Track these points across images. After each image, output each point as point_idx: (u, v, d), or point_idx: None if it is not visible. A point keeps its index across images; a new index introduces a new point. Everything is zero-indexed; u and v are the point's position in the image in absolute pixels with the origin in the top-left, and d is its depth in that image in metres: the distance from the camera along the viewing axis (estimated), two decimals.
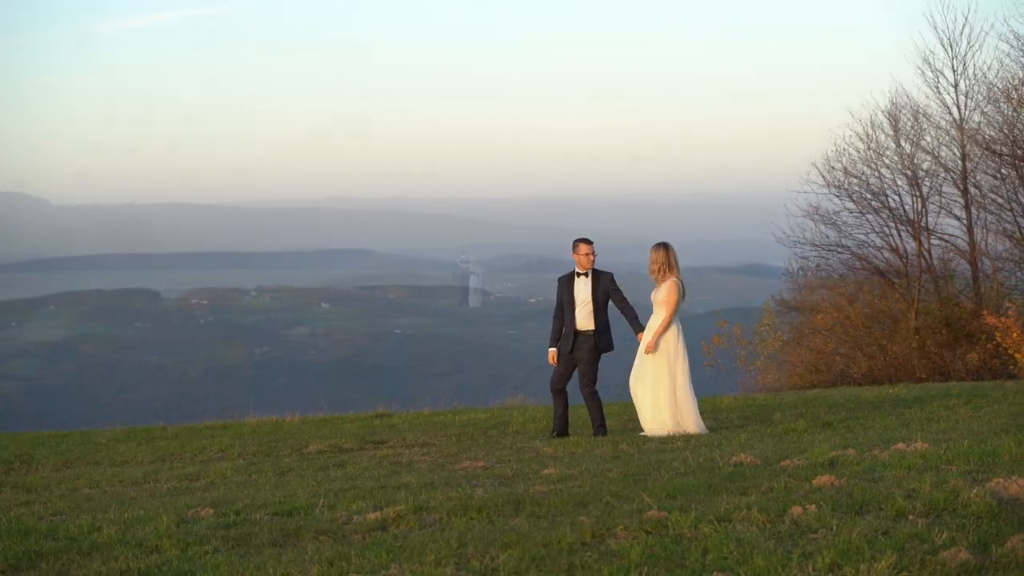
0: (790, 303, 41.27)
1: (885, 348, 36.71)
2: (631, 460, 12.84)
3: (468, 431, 18.92)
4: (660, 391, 16.28)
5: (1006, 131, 35.68)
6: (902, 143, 37.35)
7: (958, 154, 36.80)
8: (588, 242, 17.26)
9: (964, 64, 36.59)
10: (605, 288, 17.05)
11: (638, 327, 16.81)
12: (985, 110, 36.68)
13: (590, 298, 17.02)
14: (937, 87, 36.94)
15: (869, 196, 37.61)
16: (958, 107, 36.66)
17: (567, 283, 17.23)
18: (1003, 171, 36.20)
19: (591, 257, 17.18)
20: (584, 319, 17.05)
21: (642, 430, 16.52)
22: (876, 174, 37.60)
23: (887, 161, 37.54)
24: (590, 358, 17.00)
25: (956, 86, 36.68)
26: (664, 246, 16.72)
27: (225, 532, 9.51)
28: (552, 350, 17.21)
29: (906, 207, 37.38)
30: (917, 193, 37.17)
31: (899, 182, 37.50)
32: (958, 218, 37.28)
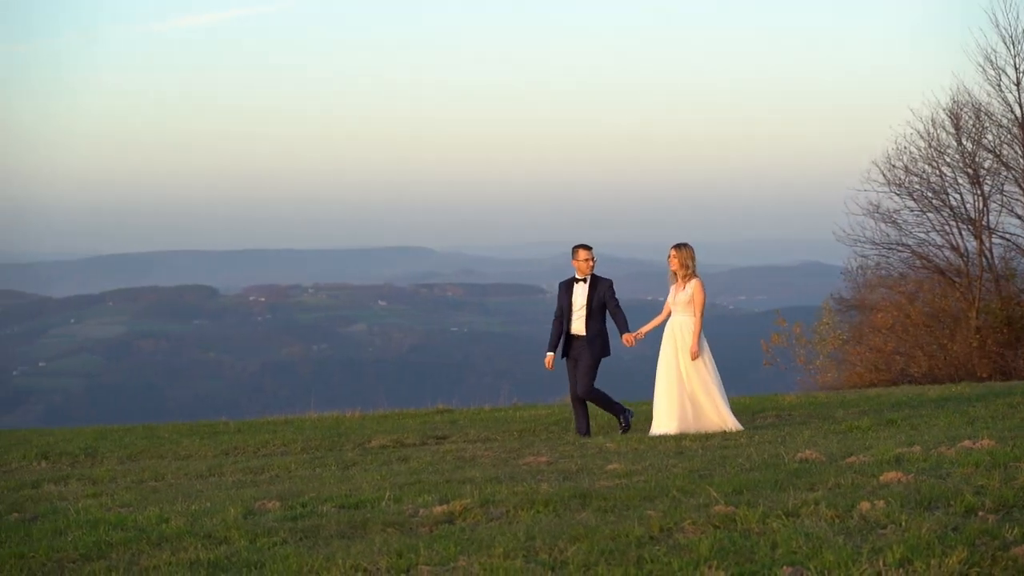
0: (850, 302, 41.06)
1: (946, 347, 36.54)
2: (695, 456, 12.84)
3: (530, 427, 18.95)
4: (697, 390, 16.26)
5: None
6: (963, 141, 37.19)
7: (1020, 152, 36.61)
8: (587, 248, 17.36)
9: None
10: (602, 295, 17.13)
11: (624, 331, 16.90)
12: None
13: (585, 303, 17.10)
14: (999, 85, 36.78)
15: (930, 194, 37.48)
16: (1020, 105, 36.46)
17: (566, 288, 17.39)
18: None
19: (590, 263, 17.29)
20: (579, 324, 17.15)
21: (661, 429, 16.33)
22: (937, 172, 37.47)
23: (948, 159, 37.43)
24: (589, 363, 17.05)
25: (1018, 84, 36.48)
26: (688, 246, 16.73)
27: (292, 524, 9.58)
28: (550, 355, 17.35)
29: (967, 205, 37.27)
30: (978, 191, 37.00)
31: (960, 180, 37.38)
32: (1020, 217, 37.12)
